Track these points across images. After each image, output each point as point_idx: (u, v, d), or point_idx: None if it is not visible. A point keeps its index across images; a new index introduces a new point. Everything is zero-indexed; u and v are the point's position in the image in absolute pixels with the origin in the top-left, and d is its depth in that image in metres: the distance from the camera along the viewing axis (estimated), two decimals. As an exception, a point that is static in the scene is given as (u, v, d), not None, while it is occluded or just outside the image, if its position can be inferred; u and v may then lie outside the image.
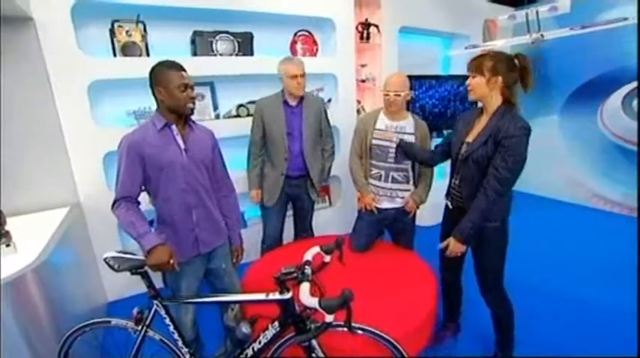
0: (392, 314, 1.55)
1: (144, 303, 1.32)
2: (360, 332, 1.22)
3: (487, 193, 1.41)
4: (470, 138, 1.53)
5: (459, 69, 3.92)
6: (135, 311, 1.29)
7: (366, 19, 3.15)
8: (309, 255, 1.28)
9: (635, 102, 3.48)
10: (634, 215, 3.61)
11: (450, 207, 1.68)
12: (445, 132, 3.51)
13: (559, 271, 2.67)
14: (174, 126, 1.37)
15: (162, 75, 1.31)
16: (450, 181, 1.66)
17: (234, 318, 1.70)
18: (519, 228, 3.31)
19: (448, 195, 1.69)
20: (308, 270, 1.17)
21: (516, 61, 1.42)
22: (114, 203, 1.32)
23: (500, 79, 1.41)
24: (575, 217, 3.80)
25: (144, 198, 1.40)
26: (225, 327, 1.71)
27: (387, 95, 1.90)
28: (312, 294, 1.08)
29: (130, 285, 2.32)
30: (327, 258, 1.31)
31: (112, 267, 1.21)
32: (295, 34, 2.88)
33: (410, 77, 2.00)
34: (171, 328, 1.31)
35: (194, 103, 1.38)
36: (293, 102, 2.15)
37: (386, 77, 2.00)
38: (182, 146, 1.38)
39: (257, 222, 3.02)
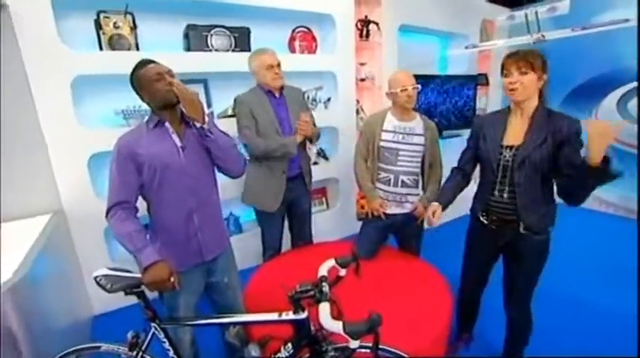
0: (408, 326, 1.46)
1: (134, 316, 1.18)
2: (384, 353, 1.12)
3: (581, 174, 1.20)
4: (511, 142, 1.40)
5: (458, 69, 3.88)
6: (129, 335, 1.15)
7: (366, 16, 3.05)
8: (324, 270, 1.16)
9: (630, 104, 3.51)
10: (631, 216, 3.65)
11: (486, 222, 1.51)
12: (444, 133, 3.46)
13: (559, 272, 2.63)
14: (167, 124, 1.25)
15: (138, 77, 1.22)
16: (485, 193, 1.49)
17: (237, 335, 1.58)
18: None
19: (484, 210, 1.51)
20: (326, 288, 1.06)
21: None
22: (108, 211, 1.18)
23: (546, 76, 1.34)
24: (573, 219, 3.80)
25: (141, 203, 1.27)
26: (225, 345, 1.59)
27: (405, 90, 1.79)
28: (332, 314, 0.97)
29: (119, 296, 2.14)
30: (343, 272, 1.20)
31: (103, 288, 1.07)
32: (293, 31, 2.75)
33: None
34: (171, 353, 1.18)
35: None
36: (277, 93, 2.01)
37: (392, 76, 1.90)
38: (178, 144, 1.25)
39: (252, 227, 2.89)
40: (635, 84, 3.45)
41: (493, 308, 1.69)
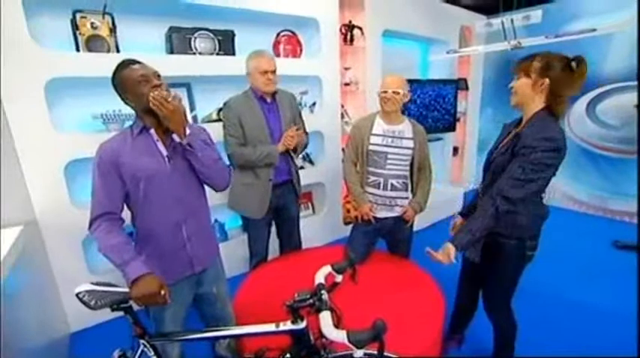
0: (401, 331, 1.44)
1: (115, 331, 1.11)
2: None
3: (494, 199, 1.28)
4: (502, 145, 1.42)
5: (438, 74, 3.97)
6: (116, 353, 1.08)
7: (350, 21, 3.07)
8: (320, 277, 1.14)
9: (598, 108, 3.70)
10: (599, 214, 3.86)
11: None
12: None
13: (540, 270, 2.71)
14: (152, 131, 1.19)
15: (121, 78, 1.13)
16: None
17: (227, 348, 1.53)
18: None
19: (475, 206, 1.56)
20: (325, 296, 1.04)
21: (574, 63, 1.25)
22: (91, 223, 1.11)
23: (547, 81, 1.26)
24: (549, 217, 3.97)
25: (125, 213, 1.20)
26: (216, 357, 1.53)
27: (385, 93, 1.81)
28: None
29: (98, 311, 2.02)
30: (339, 278, 1.18)
31: (87, 304, 0.99)
32: (278, 34, 2.73)
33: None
34: (162, 371, 1.11)
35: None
36: (268, 98, 1.96)
37: (383, 78, 1.92)
38: (164, 153, 1.19)
39: (238, 234, 2.83)
40: (601, 89, 3.66)
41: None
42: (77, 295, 1.00)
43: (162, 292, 1.04)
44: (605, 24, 3.25)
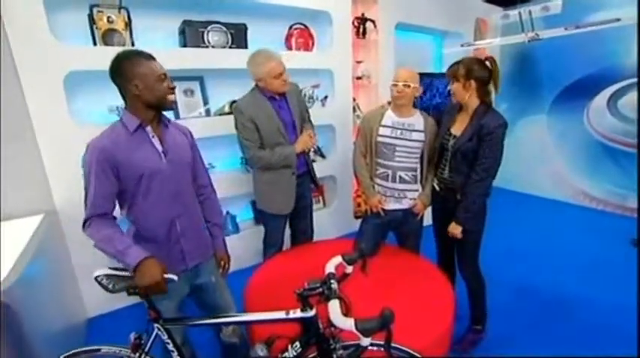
0: (411, 324, 1.45)
1: (128, 318, 1.14)
2: (395, 351, 1.11)
3: (477, 181, 1.63)
4: (455, 131, 1.70)
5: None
6: (132, 336, 1.12)
7: (362, 14, 3.04)
8: (331, 267, 1.15)
9: (620, 103, 3.58)
10: (617, 211, 3.74)
11: (438, 189, 1.87)
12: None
13: (549, 269, 2.66)
14: (149, 128, 1.17)
15: (139, 66, 1.11)
16: (437, 169, 1.85)
17: (234, 333, 1.55)
18: (509, 225, 3.37)
19: (438, 181, 1.87)
20: (335, 285, 1.05)
21: (487, 63, 1.62)
22: (84, 223, 1.12)
23: (473, 82, 1.60)
24: (562, 214, 3.88)
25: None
26: (221, 344, 1.55)
27: (396, 86, 1.80)
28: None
29: (113, 299, 2.09)
30: (349, 269, 1.19)
31: (105, 288, 1.03)
32: (290, 27, 2.73)
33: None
34: (175, 354, 1.15)
35: (174, 94, 1.21)
36: (277, 95, 1.95)
37: (396, 71, 1.90)
38: (160, 149, 1.19)
39: (250, 226, 2.87)
40: (624, 82, 3.52)
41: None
42: (96, 278, 1.04)
43: (165, 277, 1.05)
44: (629, 15, 3.12)
